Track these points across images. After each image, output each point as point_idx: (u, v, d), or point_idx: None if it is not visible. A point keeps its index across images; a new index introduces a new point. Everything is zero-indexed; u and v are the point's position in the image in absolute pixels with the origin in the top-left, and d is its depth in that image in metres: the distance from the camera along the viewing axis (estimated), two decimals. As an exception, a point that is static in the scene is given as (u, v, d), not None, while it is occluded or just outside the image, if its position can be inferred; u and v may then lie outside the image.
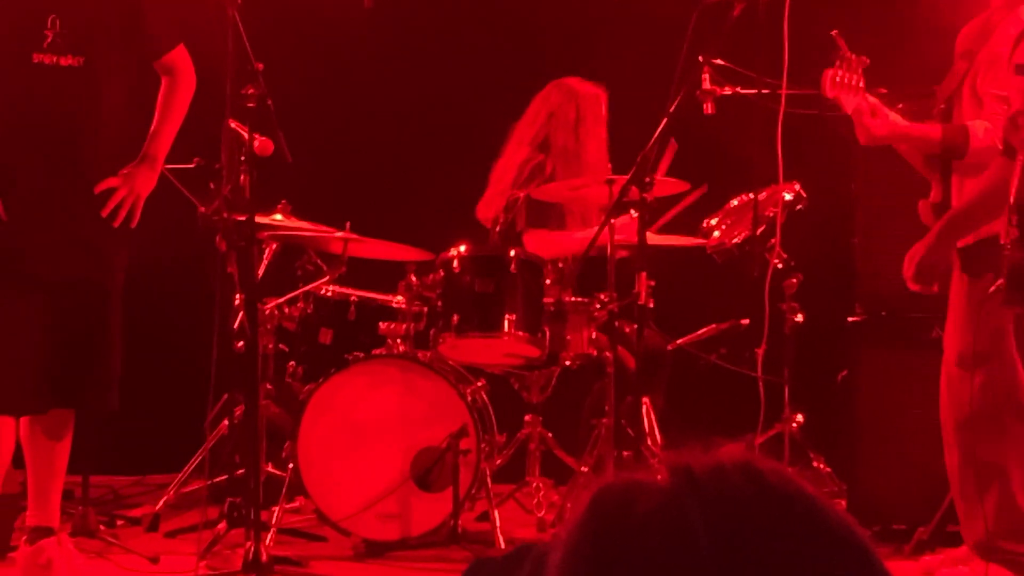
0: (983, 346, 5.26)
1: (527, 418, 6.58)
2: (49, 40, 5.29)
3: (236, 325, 5.91)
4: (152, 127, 5.60)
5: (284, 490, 6.05)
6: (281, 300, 6.39)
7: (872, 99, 5.30)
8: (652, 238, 5.99)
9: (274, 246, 6.49)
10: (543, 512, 6.36)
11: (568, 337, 6.29)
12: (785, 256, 6.61)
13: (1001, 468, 5.29)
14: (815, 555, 1.17)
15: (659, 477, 1.22)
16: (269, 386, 6.50)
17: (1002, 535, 5.29)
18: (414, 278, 6.30)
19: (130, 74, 5.53)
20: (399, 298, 6.36)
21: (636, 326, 5.70)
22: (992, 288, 4.96)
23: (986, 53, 5.26)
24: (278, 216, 6.30)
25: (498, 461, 6.46)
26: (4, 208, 5.27)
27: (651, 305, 5.93)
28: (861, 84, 5.25)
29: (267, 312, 6.30)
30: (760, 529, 1.16)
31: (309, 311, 6.51)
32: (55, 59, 5.30)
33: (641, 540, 1.18)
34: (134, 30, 5.48)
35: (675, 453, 1.23)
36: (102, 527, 6.20)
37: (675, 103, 5.61)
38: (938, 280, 5.28)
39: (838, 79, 5.23)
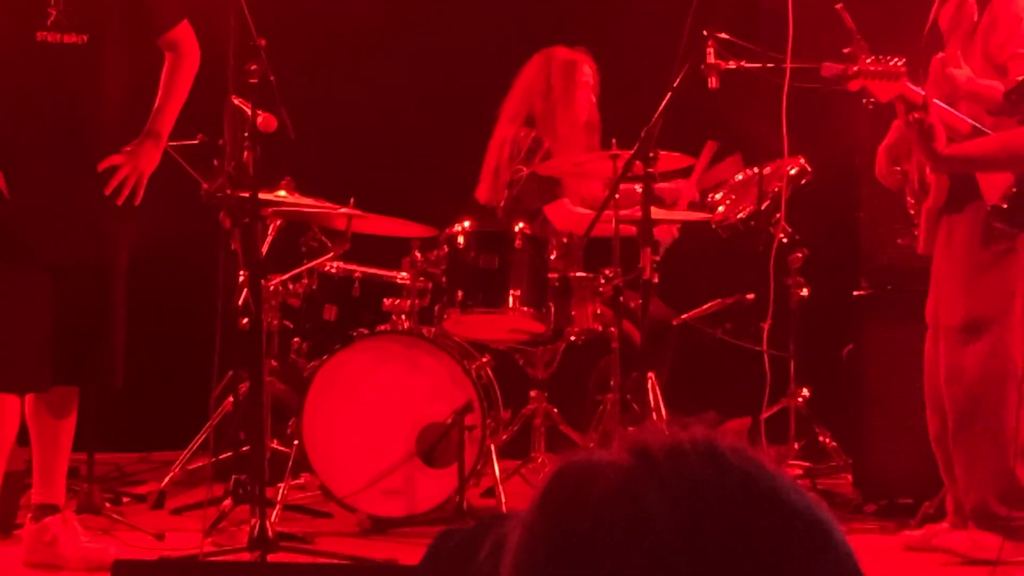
0: (993, 310, 5.27)
1: (532, 394, 6.57)
2: (53, 18, 5.27)
3: (240, 302, 5.90)
4: (156, 104, 5.58)
5: (289, 467, 6.06)
6: (285, 277, 6.38)
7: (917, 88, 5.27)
8: (657, 213, 5.99)
9: (278, 222, 6.48)
10: (536, 484, 6.35)
11: (573, 312, 6.28)
12: (790, 230, 6.61)
13: (1000, 433, 5.30)
14: (775, 533, 1.16)
15: (618, 456, 1.21)
16: (274, 363, 6.49)
17: (997, 499, 5.31)
18: (418, 254, 6.29)
19: (134, 51, 5.51)
20: (403, 274, 6.35)
21: (641, 301, 5.70)
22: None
23: (990, 16, 5.24)
24: (282, 192, 6.28)
25: (503, 437, 6.46)
26: (7, 186, 5.26)
27: (656, 280, 5.92)
28: (902, 67, 5.22)
29: (271, 289, 6.29)
30: (718, 508, 1.16)
31: (313, 288, 6.50)
32: (59, 37, 5.29)
33: (599, 519, 1.17)
34: (138, 7, 5.47)
35: (634, 433, 1.23)
36: (107, 504, 6.20)
37: (679, 77, 5.60)
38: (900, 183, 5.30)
39: (869, 68, 5.18)
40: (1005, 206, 5.19)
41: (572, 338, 6.35)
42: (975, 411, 5.31)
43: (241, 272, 5.90)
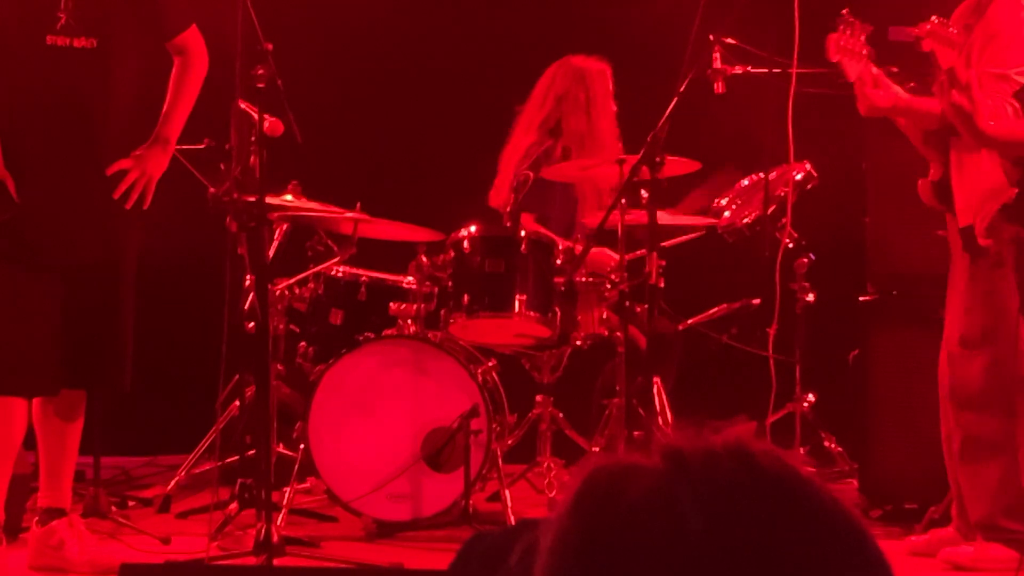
0: (988, 325, 5.26)
1: (538, 398, 6.57)
2: (62, 22, 5.28)
3: (247, 306, 5.90)
4: (164, 108, 5.59)
5: (295, 471, 6.06)
6: (292, 281, 6.39)
7: (876, 69, 5.26)
8: (663, 218, 5.99)
9: (285, 227, 6.48)
10: (554, 492, 6.36)
11: (579, 317, 6.29)
12: (796, 236, 6.61)
13: (1005, 447, 5.29)
14: (809, 538, 1.16)
15: (650, 461, 1.21)
16: (280, 367, 6.50)
17: (1003, 514, 5.31)
18: (424, 258, 6.29)
19: (143, 55, 5.52)
20: (410, 278, 6.35)
21: (647, 306, 5.70)
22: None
23: (982, 28, 5.24)
24: (288, 197, 6.29)
25: (509, 441, 6.46)
26: (17, 189, 5.27)
27: (662, 285, 5.92)
28: (865, 52, 5.19)
29: (278, 293, 6.30)
30: (752, 513, 1.16)
31: (320, 292, 6.51)
32: (68, 41, 5.29)
33: (632, 524, 1.17)
34: (147, 11, 5.47)
35: (667, 436, 1.23)
36: (114, 508, 6.21)
37: (686, 82, 5.60)
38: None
39: (842, 43, 5.17)
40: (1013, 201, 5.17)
41: (578, 343, 6.35)
42: (981, 425, 5.30)
43: (247, 276, 5.90)
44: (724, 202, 6.68)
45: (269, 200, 5.62)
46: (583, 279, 6.31)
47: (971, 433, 5.32)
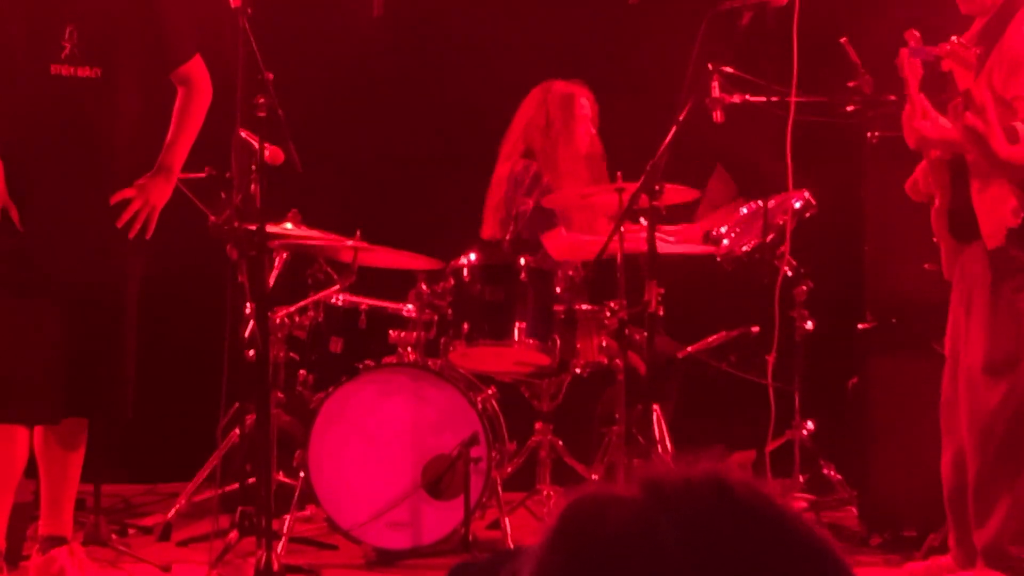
0: (1012, 351, 5.25)
1: (538, 426, 6.58)
2: (67, 52, 5.31)
3: (247, 334, 5.92)
4: (168, 138, 5.61)
5: (295, 499, 6.06)
6: (292, 309, 6.40)
7: (925, 101, 5.22)
8: (662, 246, 6.00)
9: (285, 255, 6.50)
10: (546, 518, 6.34)
11: (578, 345, 6.30)
12: (795, 263, 6.62)
13: (1018, 474, 5.28)
14: (785, 567, 1.17)
15: (629, 491, 1.22)
16: (280, 395, 6.51)
17: (1011, 540, 5.30)
18: (424, 286, 6.31)
19: (147, 84, 5.54)
20: (409, 306, 6.37)
21: (646, 333, 5.71)
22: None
23: (999, 53, 5.21)
24: (288, 225, 6.31)
25: (509, 469, 6.46)
26: (20, 218, 5.28)
27: (661, 313, 5.93)
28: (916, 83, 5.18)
29: (278, 321, 6.31)
30: (729, 543, 1.17)
31: (320, 320, 6.52)
32: (72, 70, 5.32)
33: (611, 555, 1.18)
34: (151, 41, 5.50)
35: (645, 467, 1.24)
36: (114, 536, 6.21)
37: (685, 111, 5.61)
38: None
39: (910, 64, 5.14)
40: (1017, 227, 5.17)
41: (577, 370, 6.36)
42: (997, 451, 5.29)
43: (248, 304, 5.92)
44: (723, 230, 6.69)
45: (269, 228, 5.63)
46: (583, 307, 6.32)
47: (988, 459, 5.30)
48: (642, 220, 5.96)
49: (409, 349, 6.29)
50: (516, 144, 7.03)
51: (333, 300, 6.49)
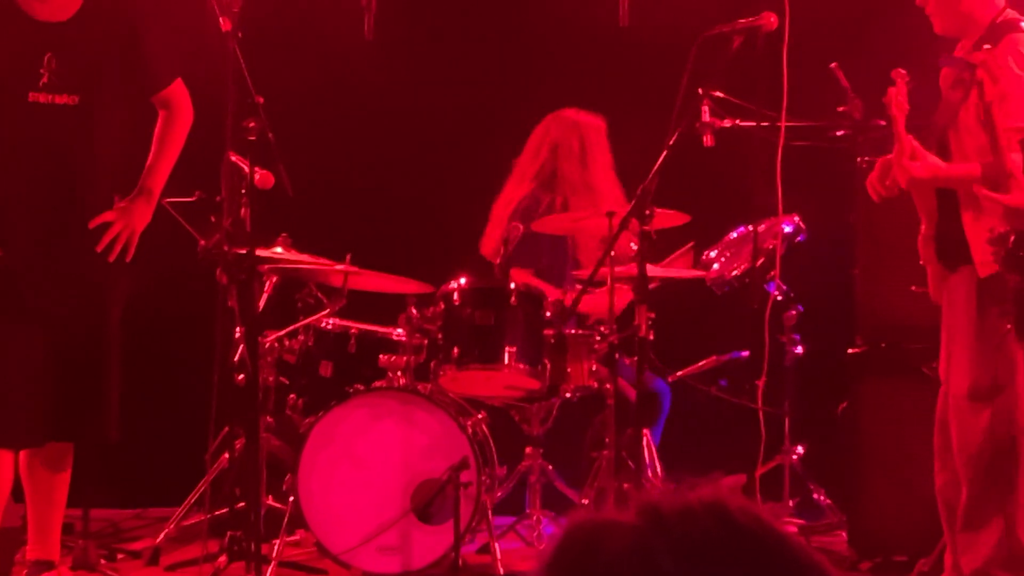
0: (996, 379, 5.25)
1: (528, 450, 6.57)
2: (45, 79, 5.31)
3: (237, 358, 5.91)
4: (148, 161, 5.62)
5: (285, 523, 6.04)
6: (282, 333, 6.40)
7: (913, 140, 5.22)
8: (652, 270, 6.00)
9: (274, 279, 6.50)
10: (544, 545, 6.34)
11: (568, 369, 6.29)
12: (785, 288, 6.62)
13: (1007, 499, 5.28)
14: None
15: (627, 517, 1.21)
16: (270, 419, 6.49)
17: (999, 564, 5.29)
18: (414, 311, 6.30)
19: (127, 108, 5.54)
20: (399, 331, 6.36)
21: (636, 358, 5.71)
22: (1008, 326, 4.96)
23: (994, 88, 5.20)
24: (278, 249, 6.30)
25: (499, 493, 6.45)
26: (2, 244, 5.28)
27: (651, 337, 5.93)
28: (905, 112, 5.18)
29: (267, 345, 6.30)
30: (729, 568, 1.16)
31: (309, 344, 6.51)
32: (51, 98, 5.32)
33: None
34: (131, 66, 5.50)
35: (644, 493, 1.23)
36: (102, 561, 6.18)
37: (675, 135, 5.62)
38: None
39: (897, 101, 5.14)
40: (1009, 251, 5.16)
41: (567, 395, 6.36)
42: (984, 477, 5.29)
43: (237, 328, 5.91)
44: (713, 254, 6.70)
45: (259, 252, 5.63)
46: (573, 331, 6.33)
47: (976, 486, 5.30)
48: (632, 245, 5.96)
49: (399, 373, 6.28)
50: (542, 167, 7.10)
51: (323, 324, 6.48)
